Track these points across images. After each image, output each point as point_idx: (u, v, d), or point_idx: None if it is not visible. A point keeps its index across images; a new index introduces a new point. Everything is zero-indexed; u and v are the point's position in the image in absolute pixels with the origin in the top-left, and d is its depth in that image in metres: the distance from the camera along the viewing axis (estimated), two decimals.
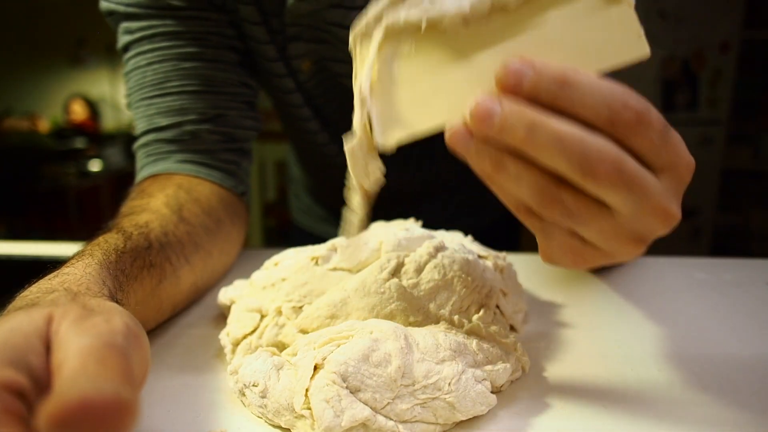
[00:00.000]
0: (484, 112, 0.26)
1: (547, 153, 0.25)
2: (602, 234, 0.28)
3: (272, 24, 0.57)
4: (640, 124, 0.25)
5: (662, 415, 0.34)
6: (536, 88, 0.26)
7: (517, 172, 0.27)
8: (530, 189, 0.27)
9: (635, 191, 0.26)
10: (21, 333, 0.24)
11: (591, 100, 0.25)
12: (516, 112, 0.26)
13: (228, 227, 0.57)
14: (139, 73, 0.57)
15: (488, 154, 0.27)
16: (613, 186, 0.25)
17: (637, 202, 0.26)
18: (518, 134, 0.25)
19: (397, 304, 0.38)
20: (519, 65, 0.26)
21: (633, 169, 0.26)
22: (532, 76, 0.25)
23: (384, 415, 0.31)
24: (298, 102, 0.64)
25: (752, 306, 0.51)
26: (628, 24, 0.27)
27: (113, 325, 0.25)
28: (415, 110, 0.30)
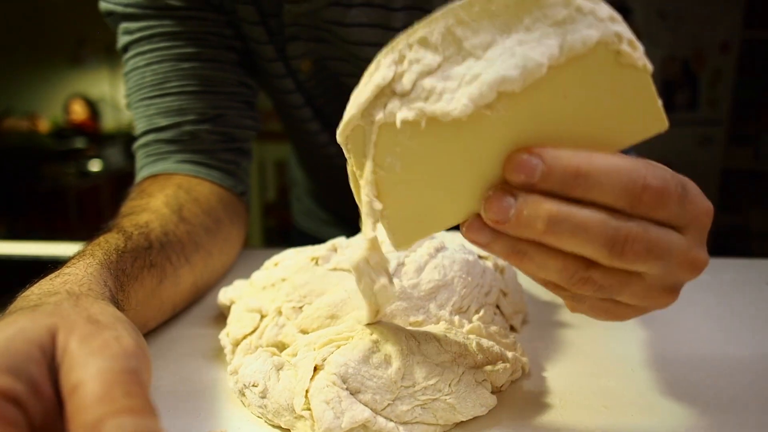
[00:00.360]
0: (498, 208, 0.26)
1: (571, 242, 0.25)
2: (635, 296, 0.28)
3: (271, 24, 0.57)
4: (661, 201, 0.25)
5: (662, 415, 0.34)
6: (549, 180, 0.25)
7: (542, 260, 0.27)
8: (557, 273, 0.27)
9: (664, 257, 0.26)
10: (22, 340, 0.24)
11: (609, 187, 0.25)
12: (532, 206, 0.25)
13: (228, 227, 0.57)
14: (138, 74, 0.57)
15: (509, 245, 0.27)
16: (642, 261, 0.26)
17: (666, 265, 0.26)
18: (538, 228, 0.25)
19: (397, 305, 0.38)
20: (527, 159, 0.25)
21: (659, 239, 0.26)
22: (543, 169, 0.25)
23: (384, 417, 0.31)
24: (298, 102, 0.64)
25: (752, 306, 0.51)
26: (648, 96, 0.25)
27: (125, 346, 0.25)
28: (427, 210, 0.28)
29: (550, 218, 0.25)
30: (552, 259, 0.27)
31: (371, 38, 0.54)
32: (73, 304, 0.28)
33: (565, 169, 0.25)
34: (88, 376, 0.22)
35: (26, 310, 0.27)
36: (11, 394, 0.22)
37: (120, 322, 0.27)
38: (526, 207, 0.25)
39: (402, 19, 0.53)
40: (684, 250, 0.27)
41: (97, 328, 0.25)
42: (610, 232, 0.25)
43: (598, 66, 0.25)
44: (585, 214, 0.25)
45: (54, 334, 0.25)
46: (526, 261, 0.27)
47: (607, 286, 0.27)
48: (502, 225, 0.26)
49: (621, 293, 0.28)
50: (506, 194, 0.26)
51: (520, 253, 0.27)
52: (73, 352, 0.24)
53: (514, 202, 0.25)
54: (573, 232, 0.25)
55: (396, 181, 0.28)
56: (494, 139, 0.26)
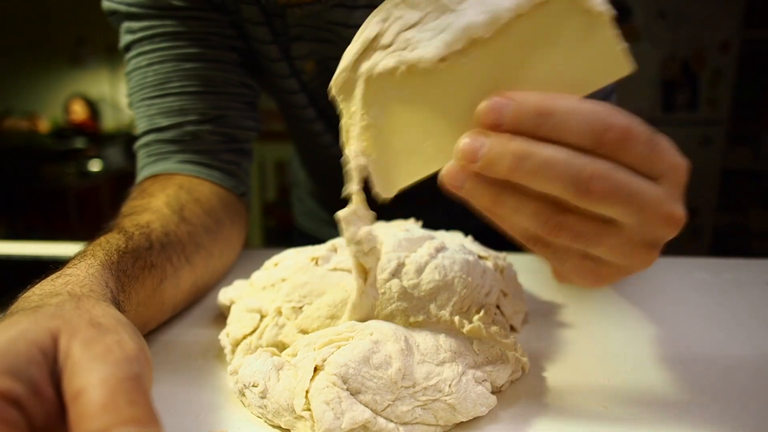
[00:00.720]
0: (469, 148, 0.27)
1: (538, 180, 0.26)
2: (614, 249, 0.28)
3: (275, 24, 0.57)
4: (625, 140, 0.26)
5: (662, 415, 0.34)
6: (517, 120, 0.26)
7: (515, 204, 0.27)
8: (533, 218, 0.27)
9: (635, 201, 0.26)
10: (24, 342, 0.24)
11: (574, 125, 0.26)
12: (500, 144, 0.26)
13: (228, 227, 0.57)
14: (140, 73, 0.57)
15: (484, 190, 0.28)
16: (611, 200, 0.26)
17: (639, 212, 0.26)
18: (505, 165, 0.26)
19: (397, 305, 0.38)
20: (498, 100, 0.26)
21: (627, 181, 0.26)
22: (512, 109, 0.26)
23: (384, 417, 0.31)
24: (302, 103, 0.64)
25: (752, 306, 0.51)
26: (609, 41, 0.26)
27: (127, 351, 0.25)
28: (410, 157, 0.30)
29: (516, 154, 0.26)
30: (525, 201, 0.27)
31: None
32: (75, 306, 0.28)
33: (532, 108, 0.26)
34: (92, 383, 0.22)
35: (28, 312, 0.27)
36: (11, 396, 0.22)
37: (122, 325, 0.27)
38: (496, 144, 0.26)
39: None
40: (658, 201, 0.27)
41: (99, 331, 0.25)
42: (574, 169, 0.25)
43: (561, 13, 0.26)
44: (550, 151, 0.26)
45: (56, 337, 0.25)
46: (500, 204, 0.28)
47: (584, 232, 0.27)
48: (473, 164, 0.27)
49: (599, 244, 0.28)
50: (479, 135, 0.27)
51: (496, 198, 0.27)
52: (75, 357, 0.24)
53: (486, 142, 0.26)
54: (538, 169, 0.26)
55: (380, 129, 0.30)
56: (469, 87, 0.28)
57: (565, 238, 0.28)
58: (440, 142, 0.29)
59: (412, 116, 0.29)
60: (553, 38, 0.26)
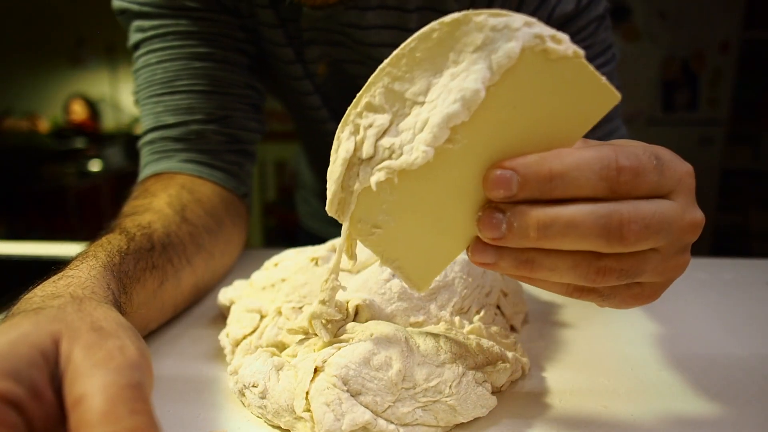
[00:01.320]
0: (490, 226, 0.26)
1: (569, 240, 0.26)
2: (656, 271, 0.28)
3: (289, 28, 0.58)
4: (637, 176, 0.26)
5: (662, 415, 0.34)
6: (527, 188, 0.26)
7: (551, 264, 0.27)
8: (572, 272, 0.27)
9: (664, 227, 0.26)
10: (25, 345, 0.24)
11: (585, 180, 0.25)
12: (519, 216, 0.26)
13: (230, 228, 0.57)
14: (148, 71, 0.57)
15: (515, 261, 0.27)
16: (645, 237, 0.26)
17: (669, 233, 0.27)
18: (531, 235, 0.26)
19: (397, 305, 0.38)
20: (500, 174, 0.26)
21: (652, 212, 0.26)
22: (518, 179, 0.26)
23: (385, 419, 0.31)
24: (315, 104, 0.65)
25: (752, 306, 0.51)
26: (590, 78, 0.26)
27: (129, 357, 0.25)
28: (433, 249, 0.29)
29: (539, 224, 0.25)
30: (560, 259, 0.27)
31: (387, 40, 0.55)
32: (77, 309, 0.28)
33: (539, 174, 0.25)
34: (93, 390, 0.22)
35: (29, 314, 0.27)
36: (11, 398, 0.22)
37: (123, 329, 0.27)
38: (515, 218, 0.26)
39: (417, 20, 0.54)
40: (680, 215, 0.27)
41: (101, 336, 0.25)
42: (601, 221, 0.25)
43: (532, 70, 0.25)
44: (571, 211, 0.25)
45: (57, 341, 0.25)
46: (537, 269, 0.27)
47: (626, 269, 0.27)
48: (499, 241, 0.27)
49: (643, 272, 0.28)
50: (494, 211, 0.27)
51: (528, 262, 0.27)
52: (77, 362, 0.24)
53: (503, 217, 0.26)
54: (566, 231, 0.25)
55: (395, 233, 0.29)
56: (467, 166, 0.27)
57: (609, 280, 0.27)
58: (457, 225, 0.28)
59: (419, 212, 0.28)
60: (535, 93, 0.26)
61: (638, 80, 2.40)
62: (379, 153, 0.27)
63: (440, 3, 0.53)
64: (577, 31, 0.54)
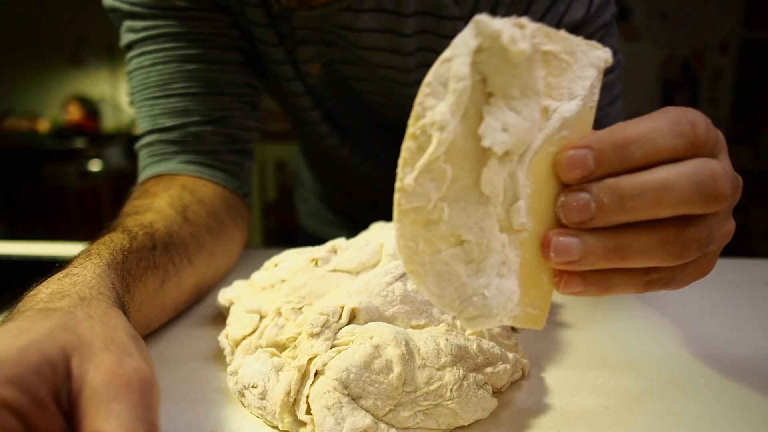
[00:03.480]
0: (577, 208, 0.25)
1: (665, 206, 0.25)
2: (719, 236, 0.28)
3: (280, 27, 0.57)
4: (709, 131, 0.25)
5: (662, 415, 0.34)
6: (605, 162, 0.24)
7: (642, 245, 0.25)
8: (662, 251, 0.26)
9: (739, 184, 0.26)
10: (36, 353, 0.24)
11: (662, 140, 0.24)
12: (608, 189, 0.24)
13: (231, 228, 0.57)
14: (142, 73, 0.57)
15: (605, 247, 0.25)
16: (732, 194, 0.25)
17: (739, 188, 0.27)
18: (628, 206, 0.24)
19: (399, 308, 0.38)
20: (573, 154, 0.25)
21: (731, 168, 0.26)
22: (593, 155, 0.24)
23: (386, 423, 0.31)
24: (307, 105, 0.64)
25: (752, 306, 0.51)
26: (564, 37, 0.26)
27: (142, 378, 0.25)
28: (538, 293, 0.28)
29: (633, 192, 0.24)
30: (650, 237, 0.25)
31: (382, 43, 0.54)
32: (87, 316, 0.28)
33: (614, 144, 0.24)
34: (113, 425, 0.22)
35: (40, 315, 0.27)
36: (14, 406, 0.22)
37: (133, 342, 0.27)
38: (604, 194, 0.25)
39: (413, 25, 0.53)
40: (724, 227, 0.28)
41: (116, 356, 0.25)
42: (695, 179, 0.24)
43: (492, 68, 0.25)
44: (661, 174, 0.24)
45: (68, 355, 0.25)
46: (628, 254, 0.26)
47: (704, 237, 0.26)
48: (589, 222, 0.25)
49: (714, 239, 0.27)
50: (578, 192, 0.25)
51: (618, 249, 0.25)
52: (93, 386, 0.24)
53: (590, 197, 0.25)
54: (660, 196, 0.24)
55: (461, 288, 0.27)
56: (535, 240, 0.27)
57: (692, 253, 0.26)
58: (539, 265, 0.27)
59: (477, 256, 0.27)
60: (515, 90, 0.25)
61: (638, 80, 2.40)
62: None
63: (440, 8, 0.52)
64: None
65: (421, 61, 0.56)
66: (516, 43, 0.23)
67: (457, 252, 0.25)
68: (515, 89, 0.24)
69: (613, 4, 0.55)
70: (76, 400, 0.24)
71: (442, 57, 0.22)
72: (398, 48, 0.54)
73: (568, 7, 0.51)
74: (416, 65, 0.56)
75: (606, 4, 0.54)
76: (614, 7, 0.56)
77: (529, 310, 0.28)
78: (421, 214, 0.24)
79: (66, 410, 0.24)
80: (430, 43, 0.54)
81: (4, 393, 0.22)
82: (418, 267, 0.24)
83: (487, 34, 0.22)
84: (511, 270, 0.26)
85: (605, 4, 0.54)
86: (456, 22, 0.52)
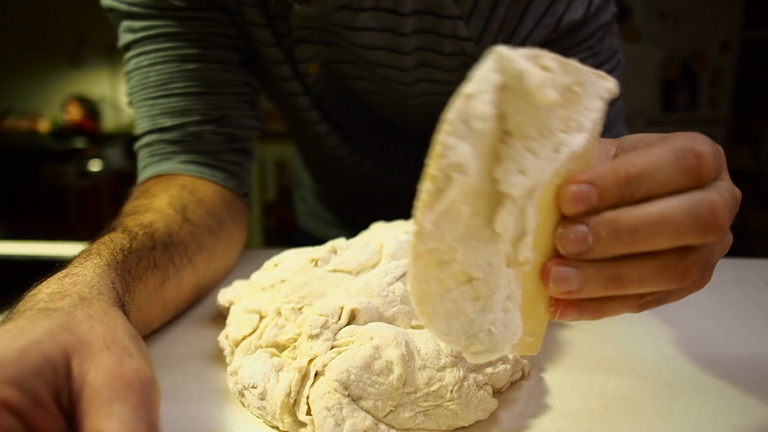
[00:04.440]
0: (574, 240, 0.25)
1: (663, 238, 0.25)
2: (720, 253, 0.28)
3: (278, 27, 0.57)
4: (714, 159, 0.25)
5: (662, 415, 0.34)
6: (607, 198, 0.25)
7: (639, 273, 0.26)
8: (661, 278, 0.26)
9: (737, 198, 0.26)
10: (37, 354, 0.24)
11: (665, 176, 0.24)
12: (606, 223, 0.24)
13: (231, 228, 0.57)
14: (141, 73, 0.57)
15: (603, 277, 0.26)
16: (729, 221, 0.25)
17: (737, 202, 0.27)
18: (624, 240, 0.24)
19: (399, 308, 0.38)
20: (576, 190, 0.25)
21: (731, 194, 0.26)
22: (596, 192, 0.24)
23: (386, 424, 0.31)
24: (305, 105, 0.64)
25: (752, 306, 0.51)
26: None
27: (143, 379, 0.25)
28: (534, 320, 0.28)
29: (630, 227, 0.24)
30: (648, 266, 0.26)
31: (380, 42, 0.54)
32: (87, 316, 0.28)
33: (617, 181, 0.24)
34: (114, 427, 0.22)
35: (39, 315, 0.27)
36: (14, 407, 0.22)
37: (133, 342, 0.28)
38: (602, 228, 0.25)
39: (412, 24, 0.53)
40: (723, 243, 0.28)
41: (116, 357, 0.25)
42: (693, 212, 0.24)
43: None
44: (660, 207, 0.24)
45: (69, 355, 0.25)
46: (626, 283, 0.26)
47: (706, 258, 0.26)
48: (586, 254, 0.25)
49: (714, 258, 0.27)
50: (576, 225, 0.25)
51: (616, 279, 0.26)
52: (94, 386, 0.24)
53: (587, 229, 0.25)
54: (658, 229, 0.24)
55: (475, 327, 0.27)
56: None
57: (693, 275, 0.26)
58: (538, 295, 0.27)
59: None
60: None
61: (638, 80, 2.40)
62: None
63: (439, 7, 0.52)
64: (585, 39, 0.53)
65: (419, 60, 0.55)
66: (543, 91, 0.22)
67: (466, 290, 0.24)
68: (534, 130, 0.23)
69: (613, 4, 0.55)
70: (76, 401, 0.24)
71: (463, 92, 0.21)
72: (397, 47, 0.54)
73: (568, 6, 0.51)
74: (415, 64, 0.56)
75: (606, 4, 0.54)
76: (614, 7, 0.55)
77: (526, 338, 0.28)
78: (435, 255, 0.23)
79: (66, 411, 0.24)
80: (429, 42, 0.54)
81: (5, 393, 0.22)
82: (429, 308, 0.24)
83: (511, 73, 0.22)
84: (515, 304, 0.26)
85: (605, 3, 0.54)
86: (455, 22, 0.52)
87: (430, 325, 0.24)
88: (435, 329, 0.24)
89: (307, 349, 0.34)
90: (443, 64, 0.55)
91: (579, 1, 0.51)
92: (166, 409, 0.36)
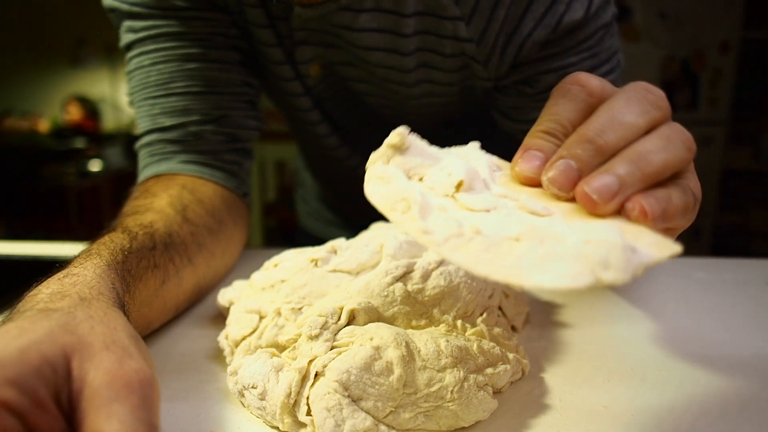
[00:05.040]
0: (566, 173, 0.27)
1: (626, 130, 0.28)
2: (699, 192, 0.30)
3: (279, 27, 0.57)
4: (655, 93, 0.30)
5: (662, 414, 0.34)
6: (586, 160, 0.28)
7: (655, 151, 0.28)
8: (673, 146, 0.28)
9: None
10: (36, 355, 0.24)
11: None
12: (576, 144, 0.28)
13: (230, 228, 0.57)
14: (142, 73, 0.57)
15: (627, 166, 0.27)
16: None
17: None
18: (607, 139, 0.27)
19: (399, 308, 0.38)
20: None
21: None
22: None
23: (386, 425, 0.31)
24: (306, 106, 0.64)
25: (752, 306, 0.51)
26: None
27: (144, 381, 0.25)
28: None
29: (594, 132, 0.28)
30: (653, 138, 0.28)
31: (381, 43, 0.54)
32: (87, 316, 0.28)
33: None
34: (112, 431, 0.22)
35: (39, 315, 0.27)
36: (13, 407, 0.22)
37: (133, 342, 0.27)
38: (571, 149, 0.28)
39: (413, 25, 0.53)
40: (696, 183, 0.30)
41: (116, 357, 0.25)
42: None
43: None
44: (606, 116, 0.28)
45: (69, 356, 0.25)
46: (647, 157, 0.28)
47: (693, 184, 0.29)
48: (578, 176, 0.27)
49: (696, 190, 0.29)
50: (553, 164, 0.28)
51: (641, 156, 0.28)
52: (94, 387, 0.24)
53: (564, 160, 0.27)
54: (617, 126, 0.28)
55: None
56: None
57: (691, 194, 0.29)
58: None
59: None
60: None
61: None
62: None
63: (440, 9, 0.51)
64: (584, 39, 0.53)
65: (420, 61, 0.55)
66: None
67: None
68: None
69: (613, 4, 0.55)
70: (76, 401, 0.24)
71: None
72: (397, 48, 0.54)
73: (568, 6, 0.51)
74: (415, 65, 0.56)
75: (606, 4, 0.54)
76: (614, 7, 0.55)
77: (648, 241, 0.26)
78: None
79: (66, 411, 0.24)
80: (430, 43, 0.54)
81: (4, 394, 0.22)
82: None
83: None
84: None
85: (605, 4, 0.53)
86: (456, 23, 0.52)
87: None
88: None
89: (307, 350, 0.34)
90: (443, 65, 0.55)
91: (579, 1, 0.51)
92: (166, 409, 0.36)
